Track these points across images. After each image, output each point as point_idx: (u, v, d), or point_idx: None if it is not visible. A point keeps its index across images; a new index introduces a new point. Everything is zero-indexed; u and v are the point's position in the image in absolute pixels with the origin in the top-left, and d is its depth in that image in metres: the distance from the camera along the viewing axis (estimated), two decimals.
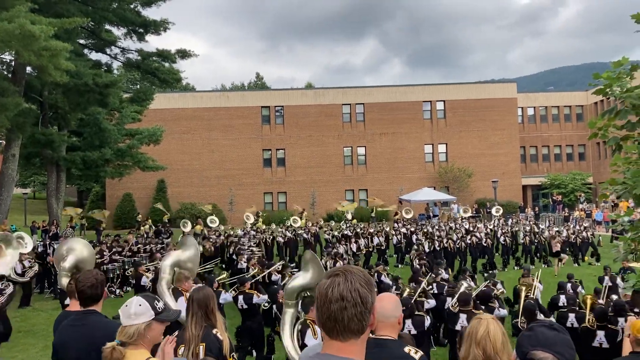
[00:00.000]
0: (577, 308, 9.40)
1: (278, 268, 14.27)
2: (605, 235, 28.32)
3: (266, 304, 10.91)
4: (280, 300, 8.77)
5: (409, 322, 8.46)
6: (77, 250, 7.41)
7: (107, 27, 27.58)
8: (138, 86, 44.93)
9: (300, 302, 5.70)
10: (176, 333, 4.32)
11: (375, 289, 1.89)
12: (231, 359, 4.28)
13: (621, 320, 7.88)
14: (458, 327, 8.26)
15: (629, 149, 6.21)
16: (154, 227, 30.04)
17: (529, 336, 2.06)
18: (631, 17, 6.03)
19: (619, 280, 13.46)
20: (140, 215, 35.85)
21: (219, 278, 11.70)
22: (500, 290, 11.56)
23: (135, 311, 3.17)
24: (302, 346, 5.72)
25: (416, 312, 8.95)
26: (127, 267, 17.77)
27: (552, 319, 10.28)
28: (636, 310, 8.81)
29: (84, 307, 4.11)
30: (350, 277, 1.85)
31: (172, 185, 39.56)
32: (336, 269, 1.92)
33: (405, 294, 10.20)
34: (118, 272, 17.68)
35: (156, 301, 3.28)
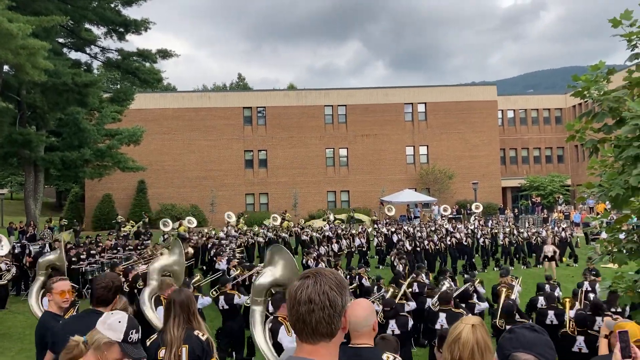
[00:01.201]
0: (556, 306, 9.52)
1: (260, 269, 14.22)
2: (582, 236, 28.71)
3: (247, 303, 10.87)
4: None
5: (392, 322, 8.48)
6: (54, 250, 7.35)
7: (87, 26, 27.30)
8: (118, 86, 44.51)
9: (268, 299, 5.67)
10: (154, 337, 4.29)
11: (349, 292, 1.88)
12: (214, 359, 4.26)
13: (599, 319, 7.99)
14: (437, 326, 8.31)
15: (605, 153, 6.30)
16: (137, 226, 29.77)
17: (510, 338, 2.07)
18: (609, 21, 6.12)
19: (597, 285, 13.60)
20: (120, 217, 35.50)
21: (194, 281, 11.60)
22: (478, 280, 11.72)
23: (111, 323, 3.06)
24: (276, 344, 5.69)
25: (400, 313, 9.00)
26: (105, 268, 17.56)
27: (531, 320, 10.42)
28: (613, 310, 8.94)
29: (94, 307, 4.16)
30: (320, 279, 1.84)
31: (153, 186, 39.22)
32: (308, 271, 1.91)
33: (389, 295, 10.25)
34: (97, 274, 17.46)
35: (134, 331, 3.17)
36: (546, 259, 20.33)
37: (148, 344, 4.21)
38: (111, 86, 49.24)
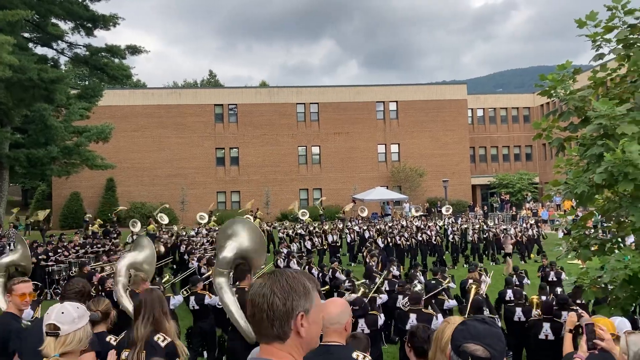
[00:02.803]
0: (524, 302, 9.71)
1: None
2: (550, 233, 29.28)
3: (219, 304, 10.79)
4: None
5: (362, 321, 8.52)
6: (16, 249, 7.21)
7: (54, 20, 26.72)
8: (86, 82, 43.69)
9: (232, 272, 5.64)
10: (122, 336, 4.22)
11: (308, 296, 1.87)
12: None
13: (565, 314, 8.17)
14: (408, 327, 8.37)
15: (570, 152, 6.43)
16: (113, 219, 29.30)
17: (461, 330, 2.15)
18: (575, 21, 6.24)
19: (563, 275, 13.99)
20: (88, 215, 34.90)
21: (164, 280, 11.46)
22: (447, 280, 11.86)
23: (78, 314, 3.03)
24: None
25: (369, 312, 9.04)
26: (73, 268, 17.25)
27: (501, 312, 10.62)
28: (578, 301, 9.17)
29: None
30: (270, 281, 1.85)
31: (122, 184, 38.62)
32: (269, 271, 1.93)
33: (359, 294, 10.29)
34: (64, 274, 17.12)
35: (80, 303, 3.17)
36: (507, 256, 20.80)
37: (114, 343, 4.15)
38: (79, 82, 48.29)
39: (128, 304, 6.70)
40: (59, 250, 18.26)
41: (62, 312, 3.03)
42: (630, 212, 5.18)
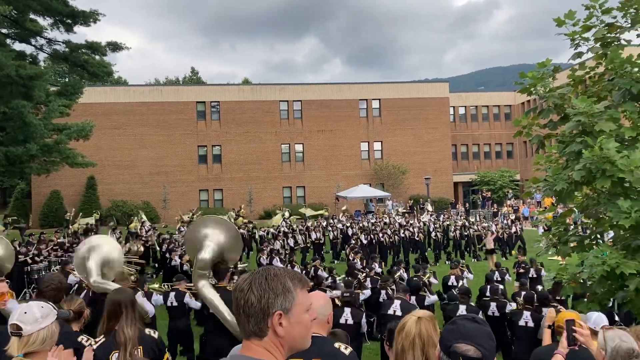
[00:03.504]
0: (499, 297, 9.83)
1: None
2: (531, 230, 29.56)
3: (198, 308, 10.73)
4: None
5: (348, 310, 8.53)
6: None
7: (32, 16, 26.25)
8: (66, 79, 43.09)
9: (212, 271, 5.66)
10: (101, 340, 4.17)
11: (292, 294, 1.87)
12: (167, 355, 4.22)
13: (545, 310, 8.28)
14: (390, 312, 8.41)
15: (550, 149, 6.50)
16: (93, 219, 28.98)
17: (451, 329, 2.12)
18: (554, 20, 6.30)
19: (543, 272, 14.17)
20: (69, 214, 34.48)
21: (152, 286, 11.33)
22: (428, 275, 11.96)
23: (41, 314, 2.98)
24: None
25: (355, 305, 9.11)
26: (53, 266, 17.03)
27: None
28: (558, 297, 9.29)
29: None
30: (251, 278, 1.87)
31: (103, 183, 38.20)
32: (256, 270, 1.94)
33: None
34: (44, 273, 16.90)
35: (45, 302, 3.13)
36: (491, 253, 21.00)
37: (95, 347, 4.09)
38: (59, 79, 47.60)
39: (109, 285, 6.69)
40: (42, 250, 18.03)
41: (25, 312, 2.99)
42: (608, 209, 5.25)
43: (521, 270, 15.21)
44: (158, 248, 21.15)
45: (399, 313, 7.88)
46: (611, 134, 5.28)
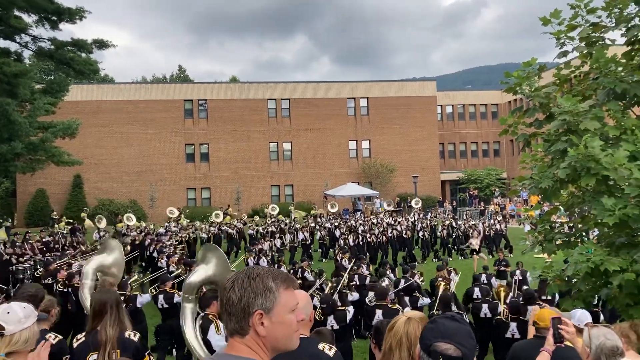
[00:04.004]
0: (491, 299, 9.85)
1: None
2: (517, 227, 29.78)
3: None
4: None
5: (331, 318, 8.54)
6: None
7: (17, 13, 25.95)
8: (52, 77, 42.70)
9: (199, 297, 5.62)
10: (81, 338, 4.15)
11: (274, 294, 1.87)
12: (147, 358, 4.19)
13: (531, 308, 8.31)
14: (375, 322, 8.42)
15: (535, 147, 6.54)
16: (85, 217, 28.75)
17: (431, 328, 2.11)
18: (539, 19, 6.33)
19: (528, 274, 14.25)
20: (55, 213, 34.20)
21: (132, 280, 11.28)
22: (419, 277, 12.00)
23: (24, 314, 2.99)
24: (205, 341, 5.65)
25: (338, 308, 9.06)
26: (38, 267, 16.87)
27: (470, 309, 10.76)
28: (544, 297, 9.35)
29: None
30: (235, 277, 1.88)
31: (89, 181, 37.91)
32: (241, 269, 1.95)
33: (327, 290, 10.33)
34: (29, 273, 16.75)
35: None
36: (477, 252, 21.09)
37: (75, 344, 4.08)
38: (44, 77, 47.18)
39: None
40: (26, 249, 17.86)
41: (8, 312, 2.99)
42: (593, 206, 5.29)
43: (502, 268, 15.34)
44: (145, 245, 21.02)
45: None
46: (596, 133, 5.33)
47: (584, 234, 6.80)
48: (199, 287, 5.36)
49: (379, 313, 8.40)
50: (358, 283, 12.17)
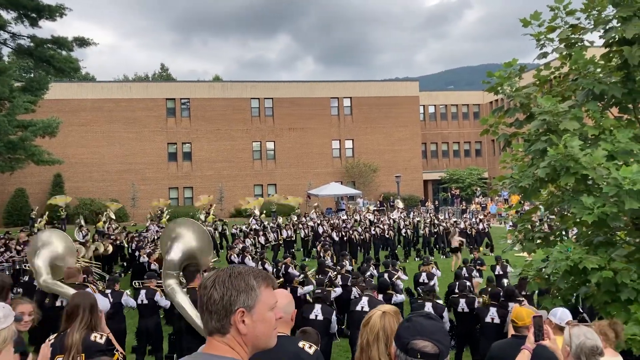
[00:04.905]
0: (468, 293, 9.97)
1: None
2: (500, 227, 30.08)
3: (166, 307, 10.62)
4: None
5: (319, 306, 8.55)
6: None
7: None
8: (32, 75, 42.10)
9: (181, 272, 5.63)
10: (52, 339, 4.12)
11: (255, 291, 1.87)
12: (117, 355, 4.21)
13: (512, 305, 8.43)
14: (358, 308, 8.50)
15: (516, 147, 6.62)
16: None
17: (407, 327, 2.14)
18: (520, 21, 6.41)
19: (509, 269, 14.43)
20: (34, 212, 33.73)
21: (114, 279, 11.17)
22: (396, 276, 12.07)
23: (3, 314, 2.98)
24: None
25: (327, 302, 9.16)
26: (18, 266, 16.66)
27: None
28: (524, 293, 9.47)
29: None
30: (215, 275, 1.87)
31: (70, 180, 37.46)
32: (220, 268, 1.94)
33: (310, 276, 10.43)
34: (8, 273, 16.50)
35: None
36: (456, 251, 21.25)
37: (48, 344, 4.06)
38: (24, 75, 46.48)
39: (70, 290, 6.56)
40: (4, 248, 17.60)
41: None
42: (572, 205, 5.37)
43: (478, 267, 15.45)
44: (126, 246, 20.87)
45: (366, 309, 7.95)
46: (575, 133, 5.41)
47: (563, 232, 6.91)
48: (180, 263, 5.35)
49: (364, 300, 8.48)
50: (341, 282, 12.19)
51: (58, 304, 7.08)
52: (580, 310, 8.36)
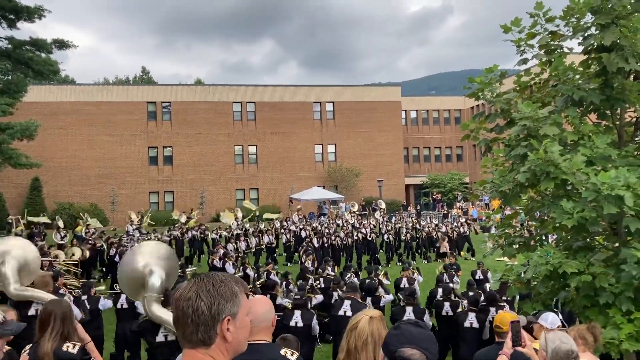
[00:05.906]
0: (452, 297, 10.01)
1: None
2: (481, 232, 30.25)
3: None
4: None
5: (298, 313, 8.49)
6: None
7: None
8: (10, 77, 41.45)
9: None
10: (27, 348, 4.03)
11: (238, 298, 1.84)
12: None
13: (492, 309, 8.47)
14: (341, 312, 8.41)
15: (496, 152, 6.66)
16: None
17: (395, 334, 2.13)
18: (500, 27, 6.46)
19: (489, 274, 14.54)
20: (11, 217, 33.14)
21: (98, 289, 11.02)
22: (382, 273, 12.08)
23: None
24: None
25: (308, 308, 9.09)
26: None
27: (432, 309, 10.88)
28: (504, 298, 9.52)
29: None
30: (196, 285, 1.81)
31: (48, 184, 36.90)
32: (196, 275, 1.91)
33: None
34: None
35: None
36: (443, 256, 21.32)
37: (21, 356, 3.97)
38: (1, 77, 45.75)
39: (44, 295, 6.44)
40: None
41: None
42: (552, 210, 5.41)
43: (452, 273, 15.46)
44: (106, 250, 20.60)
45: (349, 313, 7.90)
46: (555, 138, 5.45)
47: (543, 237, 6.96)
48: (163, 286, 5.30)
49: (347, 303, 8.39)
50: (323, 285, 12.16)
51: (32, 312, 6.93)
52: (559, 314, 8.43)
